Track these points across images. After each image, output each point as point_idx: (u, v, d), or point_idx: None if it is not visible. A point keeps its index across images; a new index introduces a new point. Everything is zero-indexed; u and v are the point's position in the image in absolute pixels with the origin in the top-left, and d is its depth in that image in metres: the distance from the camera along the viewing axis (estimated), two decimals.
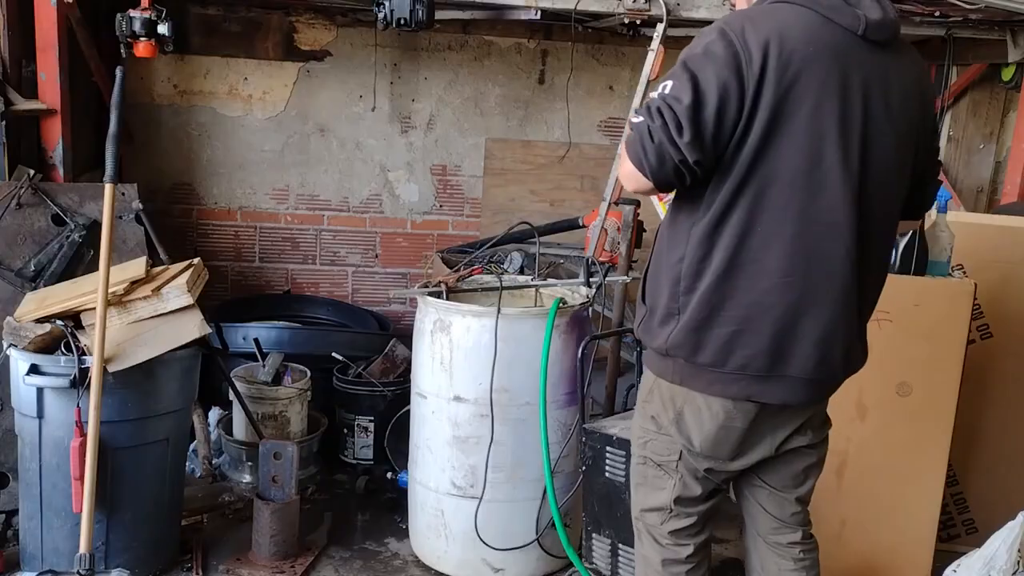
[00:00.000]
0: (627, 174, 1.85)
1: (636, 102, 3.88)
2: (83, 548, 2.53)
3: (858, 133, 1.80)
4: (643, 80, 3.86)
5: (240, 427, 3.60)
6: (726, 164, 1.79)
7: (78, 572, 2.53)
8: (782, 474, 2.08)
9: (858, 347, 1.99)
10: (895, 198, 1.94)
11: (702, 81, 1.73)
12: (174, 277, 2.87)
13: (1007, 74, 4.73)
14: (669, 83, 1.77)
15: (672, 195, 1.98)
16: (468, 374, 2.83)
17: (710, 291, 1.84)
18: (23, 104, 3.35)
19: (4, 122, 3.24)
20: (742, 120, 1.75)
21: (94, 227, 3.26)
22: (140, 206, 3.46)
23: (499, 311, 2.80)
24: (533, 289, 3.28)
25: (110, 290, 2.65)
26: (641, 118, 1.80)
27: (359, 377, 3.86)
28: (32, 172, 3.31)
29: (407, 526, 3.23)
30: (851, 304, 1.88)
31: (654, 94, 1.80)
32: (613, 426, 2.86)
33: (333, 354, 3.92)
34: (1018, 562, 2.58)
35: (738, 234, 1.81)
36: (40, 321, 2.75)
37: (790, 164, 1.78)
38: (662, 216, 2.34)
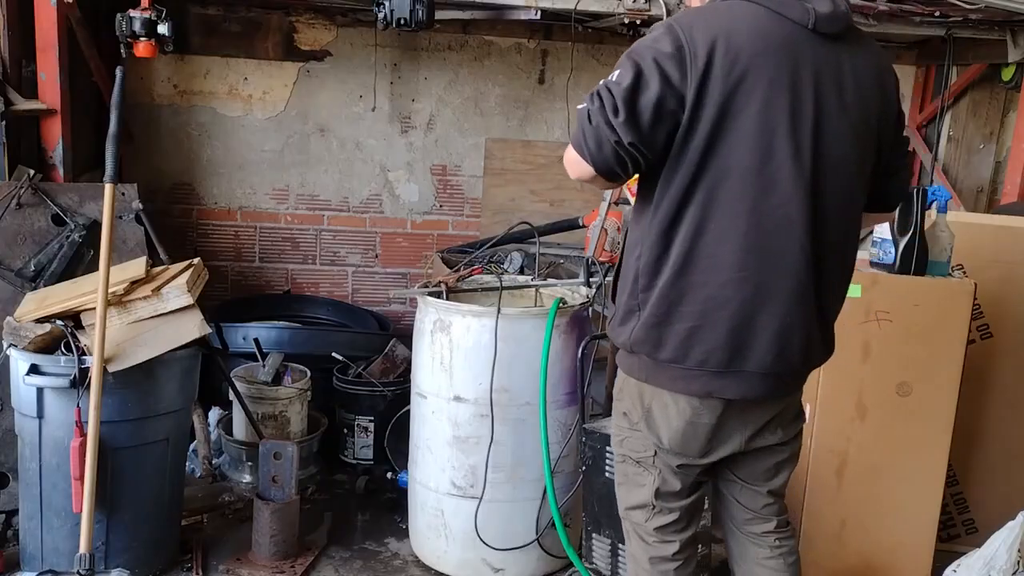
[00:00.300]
0: (570, 160, 1.87)
1: None
2: (83, 548, 2.53)
3: (810, 127, 1.81)
4: None
5: (240, 427, 3.60)
6: (677, 161, 1.81)
7: (78, 572, 2.53)
8: (754, 469, 2.10)
9: (819, 341, 1.98)
10: (855, 191, 1.94)
11: (644, 69, 1.75)
12: (174, 277, 2.87)
13: (1007, 74, 4.73)
14: (616, 72, 1.80)
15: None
16: (468, 374, 2.83)
17: (667, 287, 1.86)
18: (23, 104, 3.35)
19: (4, 122, 3.24)
20: (685, 115, 1.76)
21: (94, 227, 3.26)
22: (140, 206, 3.46)
23: (499, 311, 2.80)
24: (533, 289, 3.28)
25: (110, 290, 2.66)
26: (584, 104, 1.82)
27: (359, 377, 3.86)
28: (32, 172, 3.31)
29: (407, 526, 3.23)
30: (808, 298, 1.88)
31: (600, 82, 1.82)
32: (613, 426, 2.86)
33: (333, 354, 3.92)
34: (1018, 562, 2.58)
35: (693, 231, 1.82)
36: (40, 321, 2.75)
37: (741, 160, 1.79)
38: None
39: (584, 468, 2.86)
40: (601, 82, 1.82)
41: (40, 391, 2.64)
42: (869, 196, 2.00)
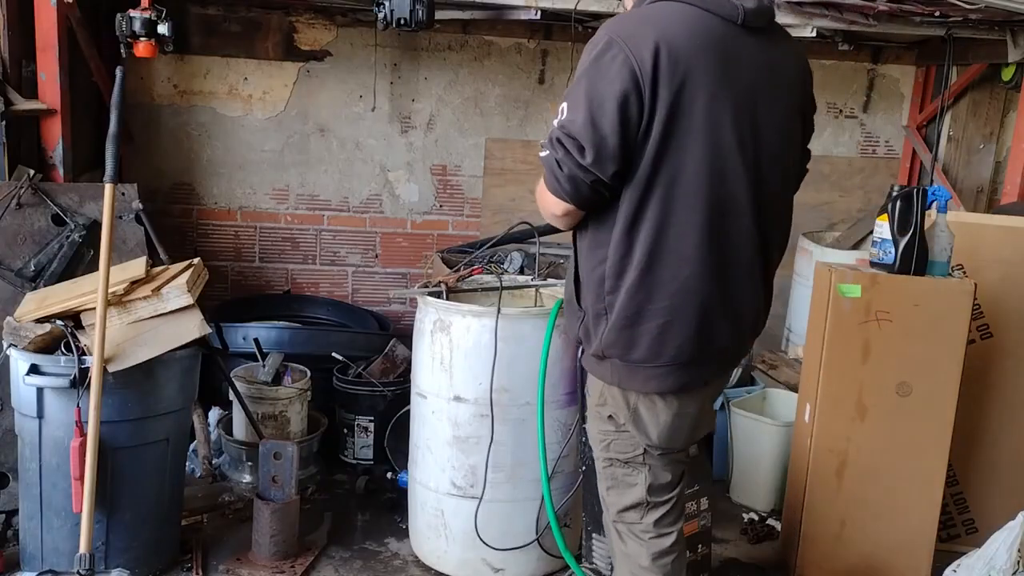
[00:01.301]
0: (548, 203, 1.93)
1: None
2: (83, 548, 2.53)
3: (749, 118, 1.90)
4: None
5: (240, 427, 3.60)
6: (635, 164, 1.86)
7: (78, 572, 2.53)
8: (690, 448, 2.26)
9: (763, 312, 2.11)
10: (789, 175, 2.08)
11: (596, 97, 1.80)
12: (174, 277, 2.87)
13: (1007, 74, 4.73)
14: (565, 106, 1.85)
15: None
16: (468, 374, 2.83)
17: (635, 287, 1.90)
18: (23, 104, 3.35)
19: (4, 122, 3.24)
20: (643, 122, 1.82)
21: (94, 227, 3.26)
22: (140, 206, 3.46)
23: (499, 311, 2.80)
24: (533, 289, 3.28)
25: (110, 290, 2.65)
26: (547, 151, 1.88)
27: (359, 377, 3.86)
28: (32, 172, 3.31)
29: (407, 526, 3.23)
30: (756, 277, 2.01)
31: (555, 121, 1.87)
32: None
33: (333, 354, 3.92)
34: (1018, 562, 2.58)
35: (655, 228, 1.88)
36: (40, 321, 2.75)
37: (694, 155, 1.85)
38: None
39: (584, 468, 2.86)
40: (556, 124, 1.86)
41: (40, 391, 2.63)
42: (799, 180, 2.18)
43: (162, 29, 3.36)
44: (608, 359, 1.99)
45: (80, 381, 2.59)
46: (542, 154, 1.91)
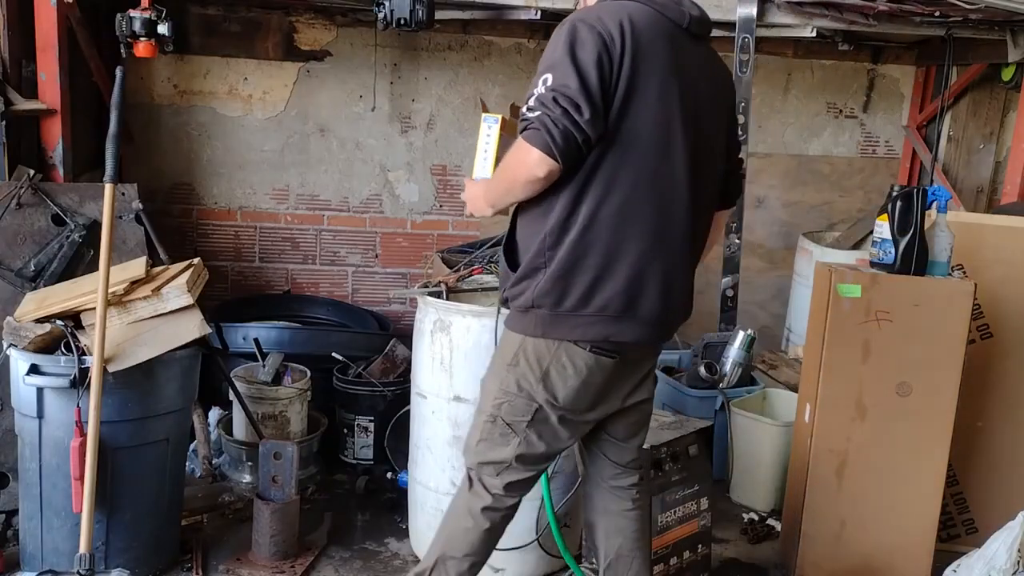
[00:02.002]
0: (535, 161, 1.96)
1: None
2: (83, 548, 2.53)
3: (691, 108, 2.08)
4: None
5: (240, 427, 3.60)
6: None
7: (78, 572, 2.53)
8: (623, 426, 2.34)
9: (689, 296, 2.26)
10: (715, 172, 2.26)
11: (581, 63, 1.94)
12: (174, 277, 2.87)
13: (1007, 74, 4.74)
14: (549, 76, 1.96)
15: None
16: (468, 374, 2.83)
17: (575, 243, 2.04)
18: (23, 104, 3.35)
19: (4, 122, 3.24)
20: (614, 86, 1.98)
21: (94, 227, 3.26)
22: (140, 206, 3.46)
23: (499, 311, 2.80)
24: None
25: (110, 290, 2.65)
26: (538, 111, 1.95)
27: (359, 377, 3.86)
28: (32, 172, 3.31)
29: (407, 526, 3.23)
30: (685, 257, 2.17)
31: (538, 89, 1.96)
32: None
33: (333, 354, 3.92)
34: (1018, 562, 2.58)
35: (602, 192, 2.03)
36: (40, 321, 2.75)
37: (646, 127, 2.02)
38: None
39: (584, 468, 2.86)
40: (540, 89, 1.96)
41: (40, 391, 2.63)
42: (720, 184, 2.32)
43: (162, 29, 3.36)
44: (535, 309, 2.10)
45: (80, 381, 2.59)
46: (532, 115, 1.96)
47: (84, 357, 2.62)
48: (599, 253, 2.05)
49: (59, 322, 2.73)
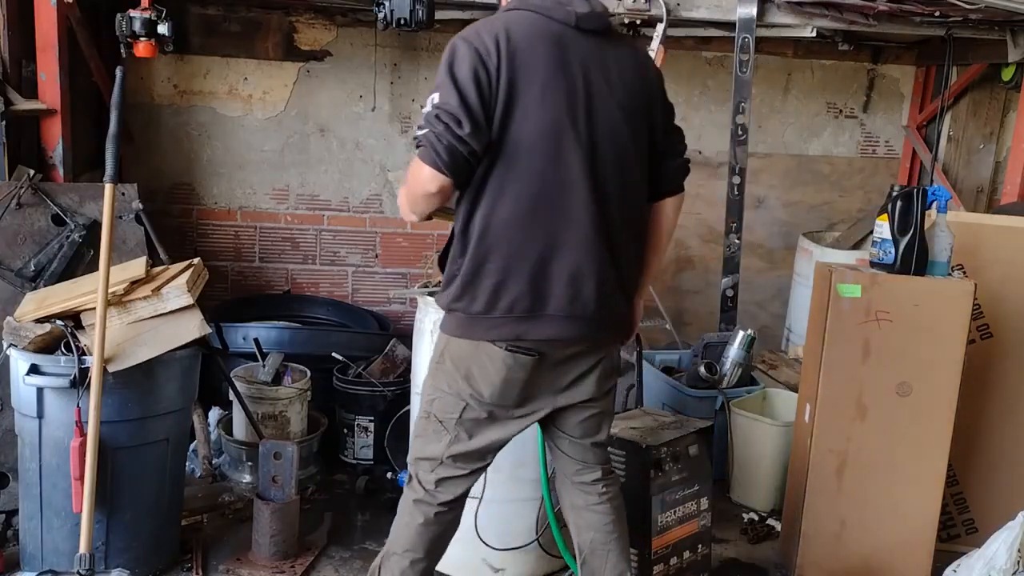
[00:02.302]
0: (427, 178, 2.05)
1: None
2: (83, 548, 2.53)
3: (583, 105, 2.12)
4: None
5: (240, 427, 3.60)
6: None
7: (78, 572, 2.53)
8: (575, 423, 2.35)
9: (617, 294, 2.25)
10: (633, 166, 2.23)
11: (459, 80, 2.04)
12: (174, 277, 2.87)
13: (1007, 74, 4.74)
14: (436, 95, 2.08)
15: None
16: None
17: (475, 249, 2.14)
18: (23, 104, 3.35)
19: (4, 122, 3.24)
20: (490, 99, 2.06)
21: (94, 227, 3.26)
22: (140, 206, 3.46)
23: None
24: None
25: (110, 290, 2.65)
26: (425, 129, 2.06)
27: (359, 377, 3.86)
28: (32, 172, 3.31)
29: None
30: (597, 250, 2.17)
31: (427, 109, 2.07)
32: (613, 426, 2.86)
33: (333, 354, 3.92)
34: (1018, 562, 2.58)
35: (494, 199, 2.11)
36: (40, 321, 2.75)
37: (530, 133, 2.08)
38: None
39: None
40: (428, 108, 2.07)
41: (40, 391, 2.63)
42: (652, 179, 2.30)
43: (162, 29, 3.36)
44: (455, 312, 2.21)
45: (80, 381, 2.59)
46: (419, 133, 2.07)
47: (84, 357, 2.62)
48: (499, 257, 2.13)
49: (59, 322, 2.73)
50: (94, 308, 2.63)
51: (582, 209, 2.14)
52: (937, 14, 3.86)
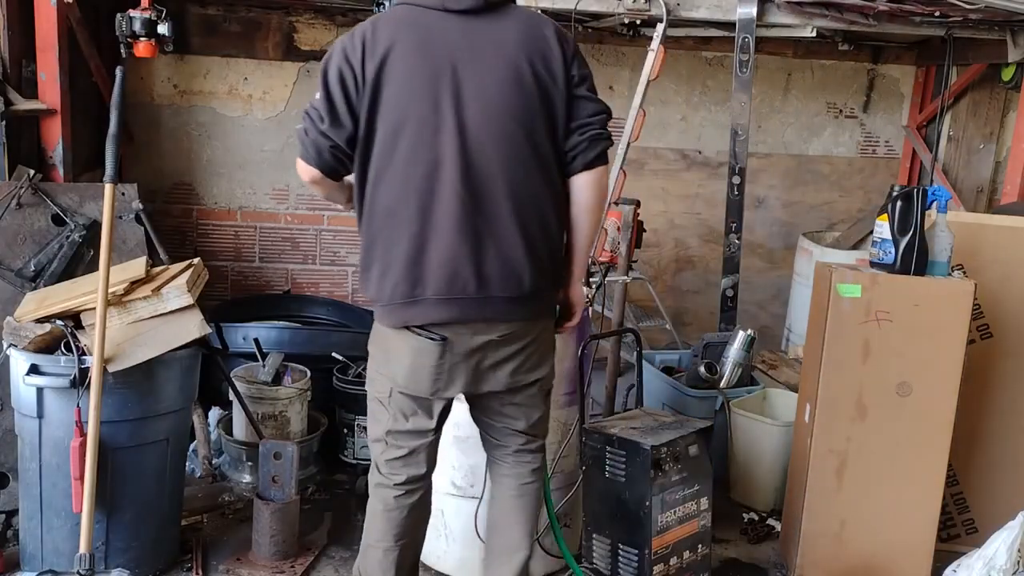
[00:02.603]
0: (302, 169, 2.22)
1: (636, 101, 3.89)
2: (83, 548, 2.53)
3: (450, 88, 2.13)
4: (643, 80, 3.86)
5: (240, 427, 3.60)
6: (358, 136, 2.18)
7: (78, 572, 2.53)
8: (498, 409, 2.39)
9: (525, 281, 2.21)
10: (523, 142, 2.18)
11: (329, 79, 2.16)
12: (174, 277, 2.87)
13: (1007, 74, 4.74)
14: (315, 95, 2.20)
15: None
16: None
17: (364, 238, 2.24)
18: (23, 104, 3.35)
19: (4, 122, 3.24)
20: (358, 94, 2.14)
21: (94, 227, 3.26)
22: (140, 206, 3.46)
23: None
24: None
25: (110, 290, 2.65)
26: (300, 126, 2.19)
27: (359, 377, 3.85)
28: (32, 172, 3.31)
29: None
30: (474, 233, 2.16)
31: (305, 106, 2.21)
32: (613, 426, 2.86)
33: (333, 354, 3.92)
34: (1018, 562, 2.58)
35: (373, 187, 2.19)
36: (40, 321, 2.75)
37: (396, 122, 2.14)
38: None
39: (584, 468, 2.86)
40: (306, 107, 2.20)
41: (40, 391, 2.63)
42: (564, 153, 2.24)
43: (162, 29, 3.36)
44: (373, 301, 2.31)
45: (80, 381, 2.59)
46: (298, 128, 2.22)
47: (84, 357, 2.62)
48: (379, 246, 2.21)
49: (59, 322, 2.73)
50: (94, 308, 2.63)
51: (453, 192, 2.14)
52: (937, 14, 3.86)
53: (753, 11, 3.88)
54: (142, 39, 3.37)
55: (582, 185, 2.27)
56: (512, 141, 2.18)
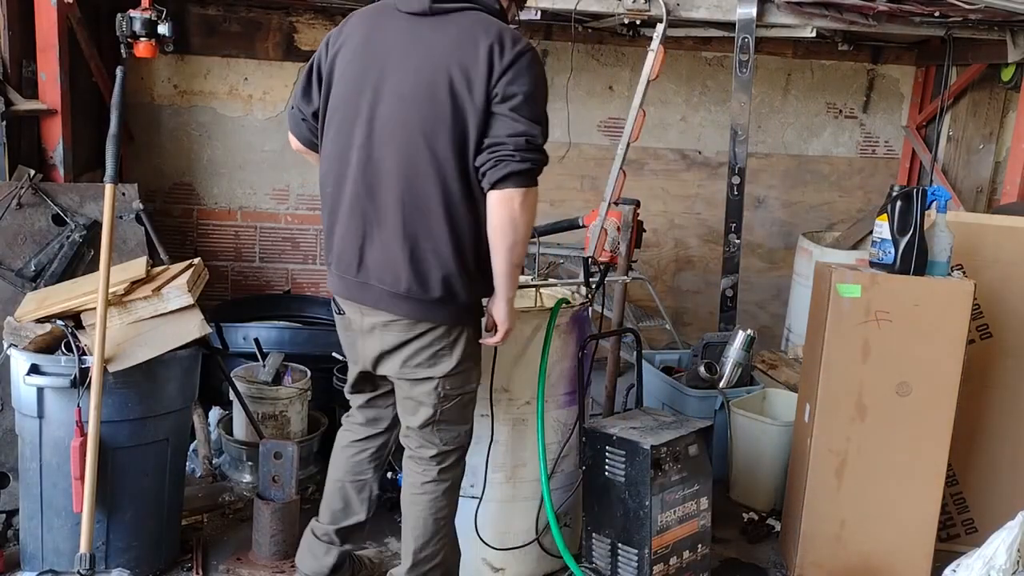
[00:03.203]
0: (290, 140, 2.55)
1: (636, 101, 3.89)
2: (83, 548, 2.53)
3: (372, 84, 2.28)
4: (643, 80, 3.86)
5: (240, 427, 3.61)
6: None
7: (78, 572, 2.53)
8: (402, 400, 2.50)
9: (380, 262, 2.31)
10: (426, 149, 2.23)
11: (306, 68, 2.44)
12: (174, 277, 2.87)
13: (1007, 74, 4.74)
14: None
15: None
16: None
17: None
18: (23, 104, 3.35)
19: (4, 122, 3.24)
20: (322, 82, 2.39)
21: (94, 227, 3.27)
22: (140, 206, 3.46)
23: None
24: (533, 289, 3.28)
25: (110, 290, 2.66)
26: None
27: None
28: (32, 172, 3.31)
29: None
30: (360, 221, 2.32)
31: None
32: (613, 426, 2.86)
33: (333, 354, 3.91)
34: (1018, 562, 2.58)
35: (320, 162, 2.45)
36: (40, 321, 2.75)
37: (332, 108, 2.36)
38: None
39: (584, 468, 2.86)
40: None
41: (40, 391, 2.63)
42: (476, 169, 2.25)
43: (162, 29, 3.37)
44: None
45: (80, 381, 2.59)
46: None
47: (84, 357, 2.62)
48: (323, 216, 2.45)
49: (59, 322, 2.73)
50: (94, 308, 2.63)
51: (353, 179, 2.31)
52: (937, 14, 3.86)
53: (753, 11, 3.89)
54: (142, 39, 3.37)
55: (491, 204, 2.24)
56: (411, 147, 2.24)
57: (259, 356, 3.74)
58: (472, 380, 2.47)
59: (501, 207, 2.22)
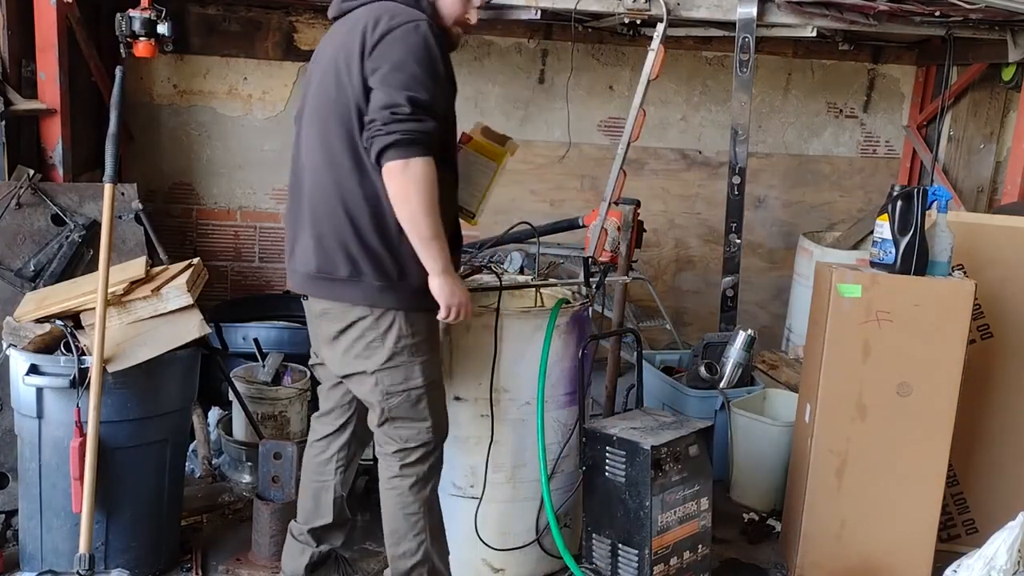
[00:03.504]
0: None
1: (636, 101, 3.88)
2: (83, 548, 2.53)
3: (311, 86, 2.45)
4: (643, 80, 3.86)
5: (240, 427, 3.60)
6: None
7: (78, 572, 2.53)
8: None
9: (311, 252, 2.40)
10: (318, 138, 2.38)
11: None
12: (174, 277, 2.87)
13: (1007, 74, 4.74)
14: None
15: None
16: (468, 374, 2.83)
17: None
18: (23, 104, 3.35)
19: (4, 122, 3.24)
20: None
21: (94, 227, 3.26)
22: (140, 206, 3.46)
23: (499, 311, 2.80)
24: (533, 289, 3.28)
25: (110, 290, 2.65)
26: None
27: None
28: (32, 172, 3.31)
29: None
30: (294, 210, 2.48)
31: None
32: (613, 426, 2.86)
33: None
34: (1018, 562, 2.58)
35: None
36: (40, 321, 2.75)
37: (299, 115, 2.51)
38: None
39: (584, 468, 2.86)
40: None
41: (40, 391, 2.63)
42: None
43: (162, 29, 3.37)
44: None
45: (80, 381, 2.59)
46: None
47: (84, 357, 2.62)
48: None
49: (59, 322, 2.73)
50: (94, 308, 2.63)
51: (298, 178, 2.47)
52: (937, 14, 3.86)
53: (753, 11, 3.88)
54: (142, 39, 3.37)
55: (387, 181, 2.27)
56: (315, 140, 2.40)
57: (259, 356, 3.74)
58: (415, 375, 2.41)
59: (389, 181, 2.26)
